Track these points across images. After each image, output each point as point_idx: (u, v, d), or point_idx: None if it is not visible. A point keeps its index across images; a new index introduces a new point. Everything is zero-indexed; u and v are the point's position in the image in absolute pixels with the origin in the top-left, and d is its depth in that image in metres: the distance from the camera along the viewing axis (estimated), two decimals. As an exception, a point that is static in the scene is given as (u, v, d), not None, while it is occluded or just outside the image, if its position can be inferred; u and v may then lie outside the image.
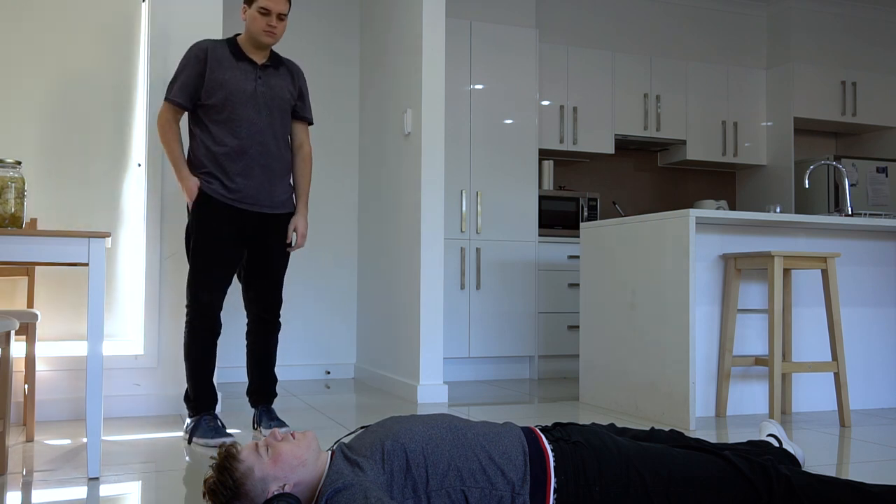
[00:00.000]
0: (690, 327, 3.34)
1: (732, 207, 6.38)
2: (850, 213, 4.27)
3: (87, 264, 2.44)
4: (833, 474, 2.48)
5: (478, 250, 5.05)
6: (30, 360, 3.07)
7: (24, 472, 2.51)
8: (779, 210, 4.68)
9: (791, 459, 2.21)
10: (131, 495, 2.35)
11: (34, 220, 3.43)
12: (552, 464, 1.77)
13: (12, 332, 2.55)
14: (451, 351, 4.92)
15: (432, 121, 4.12)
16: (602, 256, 3.99)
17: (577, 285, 5.14)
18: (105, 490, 2.32)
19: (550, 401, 4.19)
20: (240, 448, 1.70)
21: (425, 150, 4.10)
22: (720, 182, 6.46)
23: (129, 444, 2.97)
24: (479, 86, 5.14)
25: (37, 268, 3.40)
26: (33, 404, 3.06)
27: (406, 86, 4.35)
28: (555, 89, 5.51)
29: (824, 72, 6.05)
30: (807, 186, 4.09)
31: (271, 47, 3.13)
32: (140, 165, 3.72)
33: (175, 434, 3.16)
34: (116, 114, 3.73)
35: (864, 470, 2.63)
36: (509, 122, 5.19)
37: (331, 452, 1.77)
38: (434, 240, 4.11)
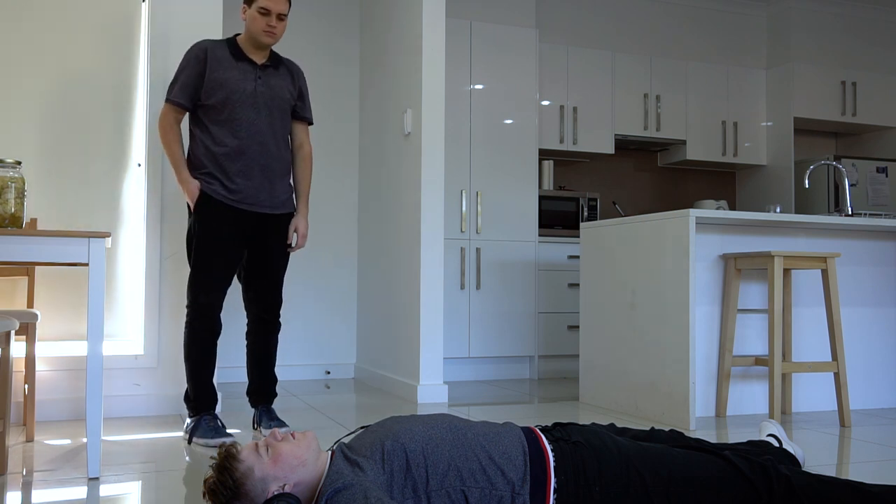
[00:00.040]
0: (690, 327, 3.34)
1: (732, 207, 6.38)
2: (850, 213, 4.27)
3: (87, 264, 2.44)
4: (833, 474, 2.48)
5: (478, 250, 5.05)
6: (30, 360, 3.07)
7: (24, 472, 2.51)
8: (779, 210, 4.68)
9: (791, 459, 2.21)
10: (131, 495, 2.35)
11: (34, 220, 3.43)
12: (552, 464, 1.77)
13: (12, 332, 2.55)
14: (451, 351, 4.92)
15: (432, 121, 4.12)
16: (602, 256, 3.99)
17: (577, 285, 5.14)
18: (105, 490, 2.32)
19: (550, 401, 4.19)
20: (240, 448, 1.70)
21: (425, 150, 4.10)
22: (720, 182, 6.46)
23: (129, 444, 2.97)
24: (479, 86, 5.14)
25: (37, 268, 3.40)
26: (33, 404, 3.06)
27: (406, 86, 4.35)
28: (555, 89, 5.51)
29: (824, 72, 6.05)
30: (807, 186, 4.09)
31: (271, 47, 3.13)
32: (140, 165, 3.72)
33: (175, 434, 3.16)
34: (116, 114, 3.74)
35: (864, 470, 2.63)
36: (509, 122, 5.19)
37: (331, 452, 1.77)
38: (434, 240, 4.11)
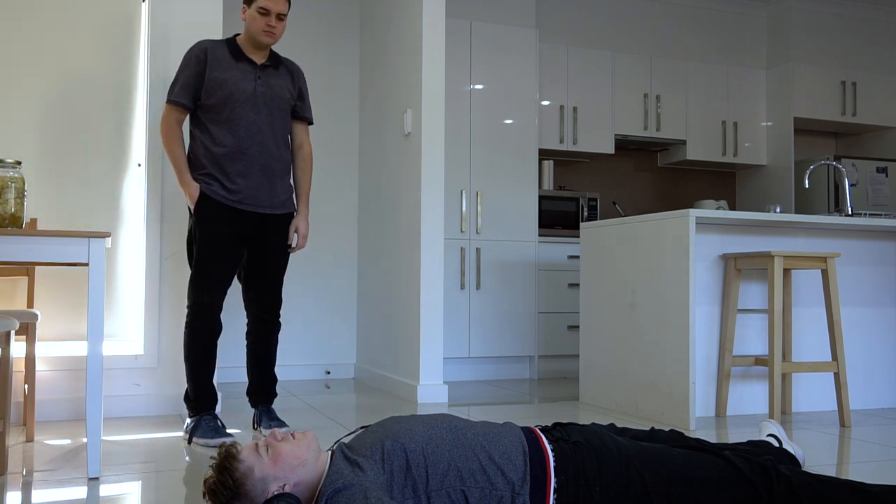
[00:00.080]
0: (690, 327, 3.34)
1: (732, 207, 6.38)
2: (850, 213, 4.27)
3: (87, 264, 2.44)
4: (833, 474, 2.48)
5: (478, 250, 5.05)
6: (30, 360, 3.07)
7: (24, 472, 2.51)
8: (779, 210, 4.68)
9: (791, 459, 2.21)
10: (131, 495, 2.35)
11: (34, 220, 3.43)
12: (552, 464, 1.77)
13: (12, 332, 2.55)
14: (451, 351, 4.92)
15: (432, 121, 4.12)
16: (602, 256, 3.99)
17: (577, 285, 5.14)
18: (105, 490, 2.32)
19: (550, 401, 4.19)
20: (240, 448, 1.70)
21: (425, 150, 4.10)
22: (720, 182, 6.46)
23: (129, 444, 2.97)
24: (479, 86, 5.14)
25: (37, 268, 3.40)
26: (33, 404, 3.06)
27: (406, 86, 4.35)
28: (555, 89, 5.51)
29: (824, 72, 6.05)
30: (807, 186, 4.09)
31: (271, 47, 3.13)
32: (140, 165, 3.72)
33: (175, 434, 3.16)
34: (116, 114, 3.74)
35: (864, 470, 2.63)
36: (509, 122, 5.19)
37: (331, 452, 1.77)
38: (434, 240, 4.11)
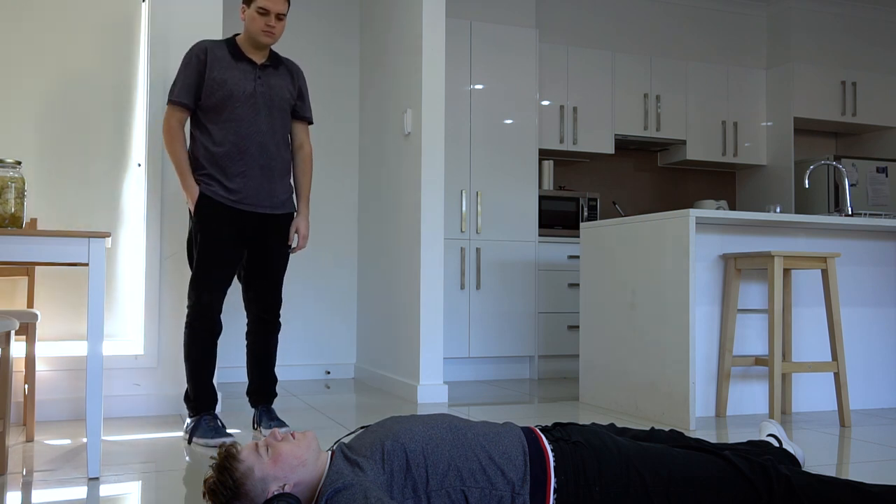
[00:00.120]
0: (690, 327, 3.34)
1: (732, 207, 6.38)
2: (850, 213, 4.27)
3: (87, 264, 2.44)
4: (833, 474, 2.48)
5: (478, 250, 5.05)
6: (30, 360, 3.07)
7: (24, 472, 2.51)
8: (779, 210, 4.68)
9: (791, 459, 2.21)
10: (131, 495, 2.35)
11: (34, 220, 3.43)
12: (552, 464, 1.77)
13: (12, 332, 2.55)
14: (451, 351, 4.92)
15: (432, 121, 4.12)
16: (602, 256, 3.99)
17: (577, 285, 5.13)
18: (105, 490, 2.32)
19: (550, 401, 4.19)
20: (240, 448, 1.70)
21: (425, 150, 4.10)
22: (720, 182, 6.46)
23: (129, 444, 2.97)
24: (479, 86, 5.14)
25: (37, 268, 3.40)
26: (33, 404, 3.06)
27: (406, 86, 4.35)
28: (555, 89, 5.51)
29: (824, 72, 6.05)
30: (807, 186, 4.09)
31: (270, 47, 3.13)
32: (140, 165, 3.72)
33: (175, 434, 3.16)
34: (116, 114, 3.73)
35: (864, 470, 2.63)
36: (509, 122, 5.19)
37: (331, 452, 1.77)
38: (434, 240, 4.11)
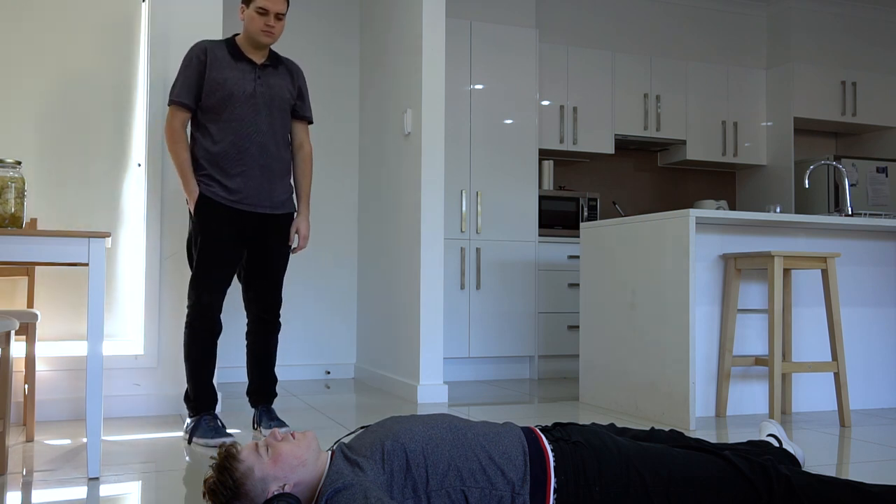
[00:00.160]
0: (690, 327, 3.34)
1: (732, 207, 6.38)
2: (850, 213, 4.27)
3: (87, 264, 2.44)
4: (833, 474, 2.48)
5: (478, 250, 5.05)
6: (30, 360, 3.07)
7: (24, 472, 2.51)
8: (779, 210, 4.68)
9: (791, 459, 2.21)
10: (131, 495, 2.35)
11: (34, 220, 3.43)
12: (552, 464, 1.77)
13: (12, 332, 2.55)
14: (451, 351, 4.92)
15: (432, 121, 4.12)
16: (602, 256, 3.99)
17: (577, 285, 5.13)
18: (105, 490, 2.32)
19: (550, 401, 4.19)
20: (240, 448, 1.70)
21: (425, 150, 4.10)
22: (720, 182, 6.46)
23: (129, 444, 2.97)
24: (479, 86, 5.14)
25: (37, 268, 3.40)
26: (33, 404, 3.06)
27: (406, 86, 4.35)
28: (555, 89, 5.51)
29: (824, 72, 6.05)
30: (807, 186, 4.09)
31: (270, 47, 3.13)
32: (140, 165, 3.72)
33: (175, 434, 3.16)
34: (116, 114, 3.73)
35: (864, 470, 2.63)
36: (509, 122, 5.19)
37: (331, 452, 1.77)
38: (434, 240, 4.11)
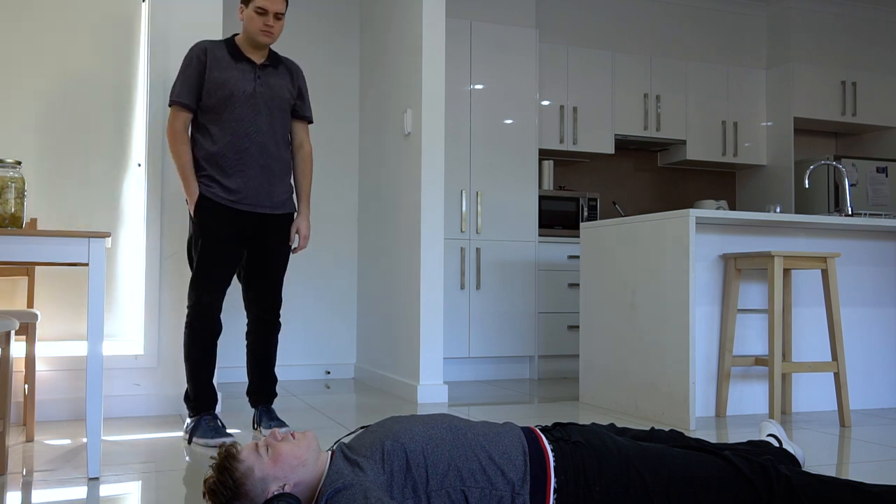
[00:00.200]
0: (690, 327, 3.34)
1: (732, 207, 6.38)
2: (850, 213, 4.27)
3: (87, 264, 2.44)
4: (833, 474, 2.48)
5: (478, 250, 5.05)
6: (30, 360, 3.07)
7: (24, 472, 2.51)
8: (779, 210, 4.68)
9: (791, 459, 2.21)
10: (131, 495, 2.35)
11: (34, 220, 3.43)
12: (552, 464, 1.77)
13: (12, 332, 2.55)
14: (451, 351, 4.92)
15: (432, 121, 4.12)
16: (602, 256, 3.99)
17: (577, 285, 5.13)
18: (105, 490, 2.32)
19: (550, 401, 4.19)
20: (240, 448, 1.70)
21: (425, 150, 4.10)
22: (720, 182, 6.46)
23: (129, 444, 2.97)
24: (479, 86, 5.14)
25: (37, 268, 3.40)
26: (33, 404, 3.06)
27: (406, 86, 4.35)
28: (555, 89, 5.51)
29: (824, 72, 6.05)
30: (807, 186, 4.09)
31: (269, 46, 3.13)
32: (140, 165, 3.72)
33: (175, 434, 3.16)
34: (116, 114, 3.73)
35: (864, 470, 2.63)
36: (509, 122, 5.19)
37: (331, 452, 1.77)
38: (434, 240, 4.11)
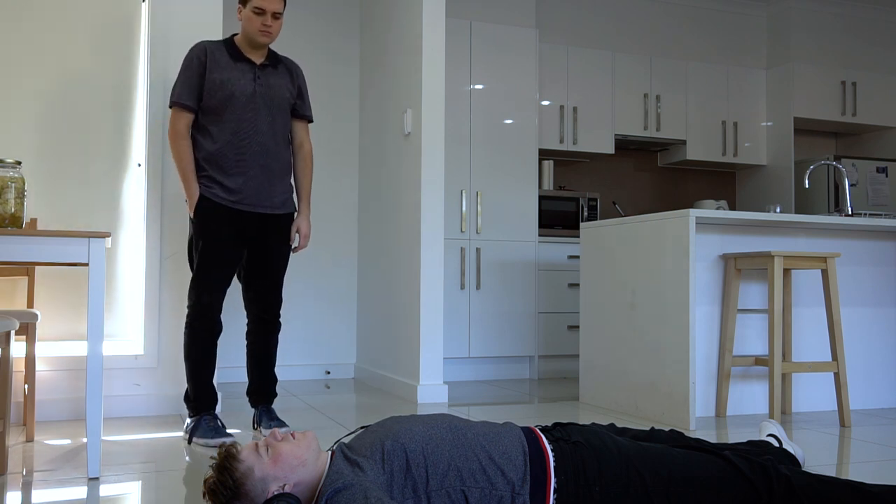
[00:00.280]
0: (690, 327, 3.34)
1: (732, 207, 6.38)
2: (850, 213, 4.27)
3: (87, 264, 2.44)
4: (833, 474, 2.48)
5: (478, 250, 5.05)
6: (30, 360, 3.07)
7: (24, 472, 2.51)
8: (779, 210, 4.68)
9: (791, 459, 2.21)
10: (131, 495, 2.35)
11: (34, 220, 3.43)
12: (552, 464, 1.77)
13: (12, 332, 2.55)
14: (451, 351, 4.92)
15: (432, 121, 4.12)
16: (602, 256, 3.99)
17: (577, 285, 5.13)
18: (105, 490, 2.32)
19: (550, 401, 4.19)
20: (240, 448, 1.70)
21: (425, 150, 4.10)
22: (720, 182, 6.46)
23: (129, 444, 2.97)
24: (479, 86, 5.14)
25: (37, 268, 3.40)
26: (33, 404, 3.06)
27: (406, 86, 4.35)
28: (555, 89, 5.51)
29: (824, 72, 6.05)
30: (807, 186, 4.09)
31: (269, 46, 3.12)
32: (140, 165, 3.72)
33: (175, 434, 3.16)
34: (116, 114, 3.73)
35: (864, 470, 2.63)
36: (509, 122, 5.19)
37: (331, 452, 1.77)
38: (434, 240, 4.11)
